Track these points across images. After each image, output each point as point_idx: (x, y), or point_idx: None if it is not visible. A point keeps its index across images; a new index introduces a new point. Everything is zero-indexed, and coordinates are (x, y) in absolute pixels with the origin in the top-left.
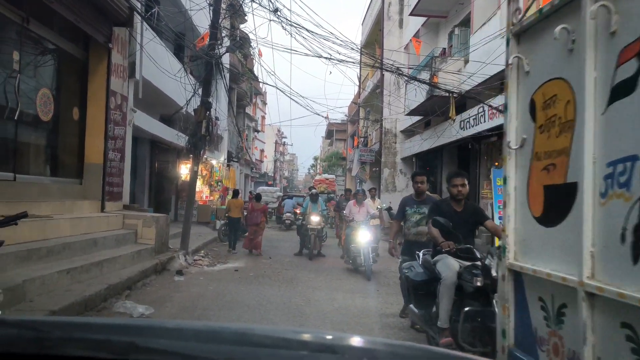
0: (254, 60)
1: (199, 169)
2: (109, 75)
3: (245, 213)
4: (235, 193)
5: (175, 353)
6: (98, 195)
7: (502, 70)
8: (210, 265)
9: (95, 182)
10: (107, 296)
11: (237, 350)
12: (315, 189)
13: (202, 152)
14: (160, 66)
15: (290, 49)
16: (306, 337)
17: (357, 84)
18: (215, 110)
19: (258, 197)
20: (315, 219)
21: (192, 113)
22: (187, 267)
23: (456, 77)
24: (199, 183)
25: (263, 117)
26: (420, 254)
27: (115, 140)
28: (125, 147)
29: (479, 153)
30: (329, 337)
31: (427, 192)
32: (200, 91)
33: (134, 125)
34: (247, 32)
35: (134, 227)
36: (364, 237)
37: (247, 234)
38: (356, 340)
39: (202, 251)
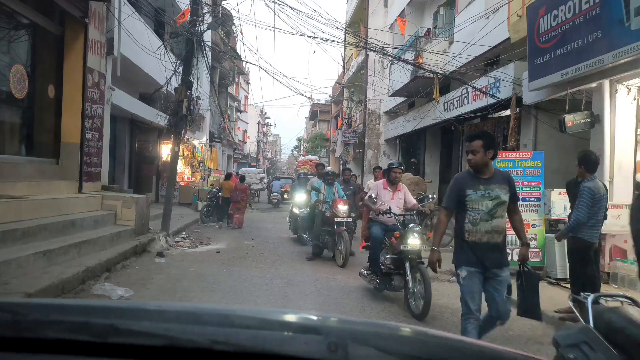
0: (237, 39)
1: (181, 149)
2: (86, 52)
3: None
4: (228, 176)
5: (157, 335)
6: (75, 176)
7: (487, 51)
8: (192, 246)
9: (73, 162)
10: (85, 278)
11: (220, 332)
12: (330, 167)
13: (183, 132)
14: (139, 43)
15: (274, 27)
16: (289, 317)
17: (342, 63)
18: (197, 89)
19: (242, 179)
20: (343, 207)
21: (173, 92)
22: (168, 249)
23: (441, 58)
24: (180, 164)
25: (246, 97)
26: (589, 301)
27: (92, 119)
28: (103, 126)
29: (462, 135)
30: (312, 317)
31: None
32: (181, 69)
33: (113, 103)
34: (230, 9)
35: (114, 208)
36: (413, 243)
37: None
38: (340, 321)
39: (184, 232)
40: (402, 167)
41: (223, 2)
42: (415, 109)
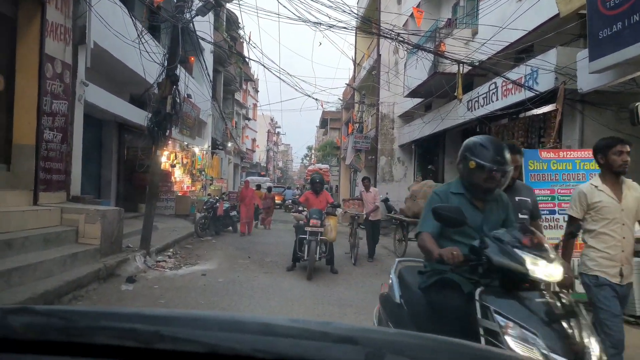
0: (243, 42)
1: (179, 156)
2: (43, 36)
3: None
4: (258, 187)
5: (200, 342)
6: (30, 184)
7: (522, 37)
8: (175, 267)
9: (27, 168)
10: None
11: (261, 340)
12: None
13: (167, 133)
14: (116, 31)
15: (278, 14)
16: (328, 328)
17: (352, 58)
18: (186, 85)
19: (269, 189)
20: None
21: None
22: (145, 272)
23: (464, 49)
24: (179, 172)
25: (255, 105)
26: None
27: (54, 117)
28: (69, 127)
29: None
30: (351, 327)
31: None
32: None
33: (89, 102)
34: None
35: (75, 223)
36: None
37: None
38: (378, 332)
39: (171, 250)
40: None
41: (229, 6)
42: (433, 110)
